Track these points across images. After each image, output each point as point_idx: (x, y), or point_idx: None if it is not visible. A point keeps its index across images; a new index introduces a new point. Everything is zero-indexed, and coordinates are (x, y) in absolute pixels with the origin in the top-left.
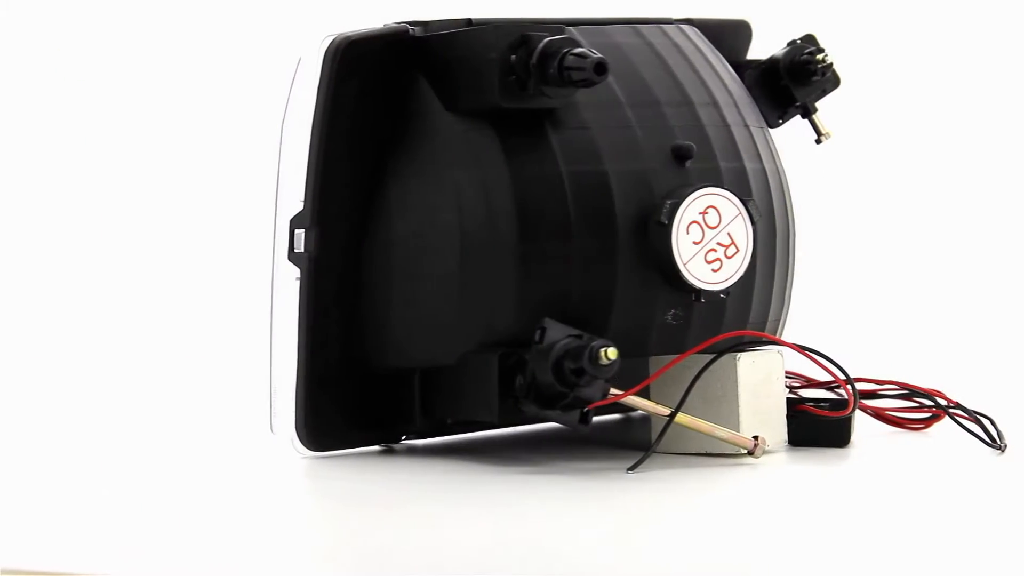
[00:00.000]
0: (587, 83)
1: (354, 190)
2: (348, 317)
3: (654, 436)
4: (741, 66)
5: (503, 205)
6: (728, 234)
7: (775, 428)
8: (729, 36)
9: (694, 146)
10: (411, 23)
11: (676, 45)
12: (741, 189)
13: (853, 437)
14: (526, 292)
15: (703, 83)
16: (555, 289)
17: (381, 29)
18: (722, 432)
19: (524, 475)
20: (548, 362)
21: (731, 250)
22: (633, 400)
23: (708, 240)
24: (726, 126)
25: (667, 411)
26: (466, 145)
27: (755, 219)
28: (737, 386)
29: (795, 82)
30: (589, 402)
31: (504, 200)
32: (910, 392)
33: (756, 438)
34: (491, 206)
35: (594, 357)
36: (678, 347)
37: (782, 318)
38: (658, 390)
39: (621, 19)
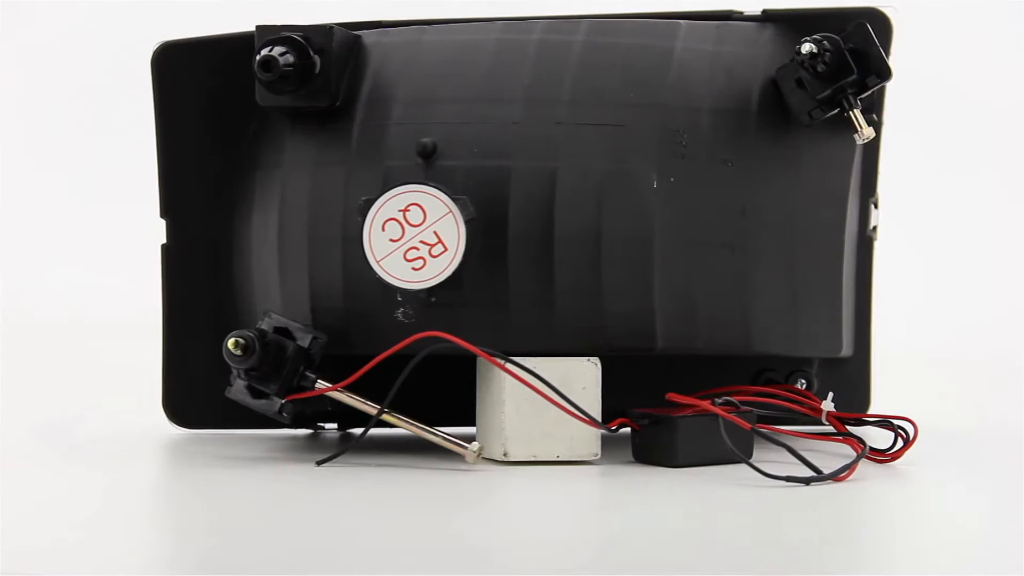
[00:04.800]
0: (265, 84)
1: (211, 183)
2: (218, 304)
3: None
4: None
5: (274, 201)
6: (435, 232)
7: (582, 439)
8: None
9: (430, 143)
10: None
11: (585, 42)
12: (485, 187)
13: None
14: (286, 287)
15: (561, 81)
16: (304, 285)
17: (238, 33)
18: (435, 437)
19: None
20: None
21: (437, 248)
22: (341, 396)
23: (409, 238)
24: (553, 124)
25: (375, 409)
26: (272, 142)
27: (467, 218)
28: (503, 391)
29: (808, 75)
30: (272, 394)
31: (274, 197)
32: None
33: (477, 446)
34: (267, 203)
35: (226, 347)
36: (414, 346)
37: (650, 322)
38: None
39: (665, 13)
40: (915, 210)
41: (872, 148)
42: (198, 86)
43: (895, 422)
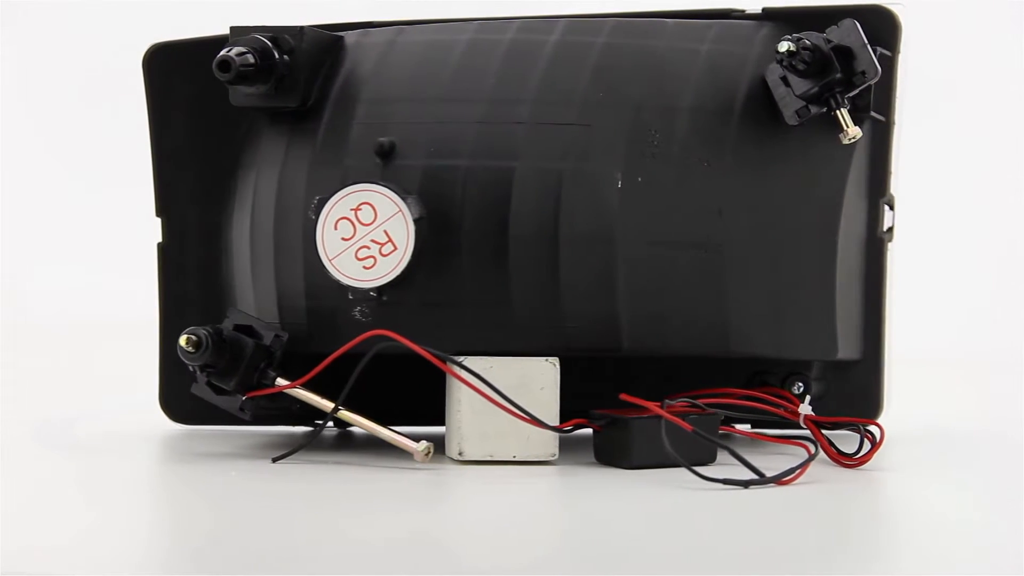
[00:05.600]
0: (224, 83)
1: (204, 182)
2: (212, 302)
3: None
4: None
5: (248, 200)
6: (384, 231)
7: (538, 439)
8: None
9: (387, 143)
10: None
11: (559, 42)
12: (440, 186)
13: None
14: (257, 286)
15: (527, 81)
16: (271, 284)
17: (227, 34)
18: (386, 433)
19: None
20: None
21: (387, 248)
22: (298, 392)
23: (360, 237)
24: (513, 124)
25: (331, 406)
26: (252, 141)
27: (416, 216)
28: (460, 391)
29: (791, 73)
30: (229, 390)
31: (249, 196)
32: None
33: (424, 445)
34: (244, 202)
35: (179, 344)
36: (365, 345)
37: (622, 326)
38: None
39: (659, 12)
40: (915, 211)
41: (882, 148)
42: (189, 87)
43: (864, 426)
